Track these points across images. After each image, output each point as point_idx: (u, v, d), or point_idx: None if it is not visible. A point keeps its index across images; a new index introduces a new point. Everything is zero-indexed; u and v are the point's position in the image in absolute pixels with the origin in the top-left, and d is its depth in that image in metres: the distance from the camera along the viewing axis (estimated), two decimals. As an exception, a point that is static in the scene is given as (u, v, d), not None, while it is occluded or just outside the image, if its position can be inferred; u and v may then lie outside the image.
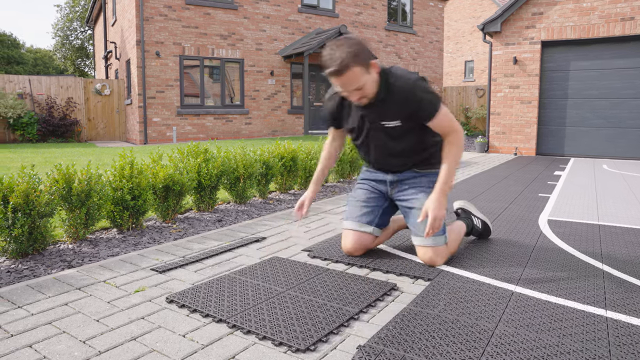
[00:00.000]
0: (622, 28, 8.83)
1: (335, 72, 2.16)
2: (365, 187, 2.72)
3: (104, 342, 1.70)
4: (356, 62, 2.15)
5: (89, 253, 2.83)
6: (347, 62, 2.13)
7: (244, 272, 2.41)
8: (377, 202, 2.66)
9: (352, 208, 2.68)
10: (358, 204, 2.66)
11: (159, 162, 3.56)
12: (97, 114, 14.21)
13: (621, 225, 3.52)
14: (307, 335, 1.72)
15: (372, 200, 2.66)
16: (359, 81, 2.20)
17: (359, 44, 2.18)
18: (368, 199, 2.66)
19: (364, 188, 2.72)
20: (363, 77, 2.20)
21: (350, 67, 2.14)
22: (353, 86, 2.22)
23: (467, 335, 1.72)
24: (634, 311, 1.94)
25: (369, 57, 2.22)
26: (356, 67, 2.16)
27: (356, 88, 2.23)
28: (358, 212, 2.64)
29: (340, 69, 2.15)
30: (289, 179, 4.81)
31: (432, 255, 2.46)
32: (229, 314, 1.91)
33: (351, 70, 2.15)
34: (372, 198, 2.66)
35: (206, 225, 3.54)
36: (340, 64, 2.13)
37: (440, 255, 2.47)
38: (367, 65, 2.20)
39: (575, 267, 2.51)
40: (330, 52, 2.17)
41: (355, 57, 2.14)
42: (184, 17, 12.33)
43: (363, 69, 2.19)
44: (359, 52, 2.16)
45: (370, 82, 2.26)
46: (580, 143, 9.60)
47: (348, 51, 2.13)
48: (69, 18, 30.77)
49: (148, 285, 2.28)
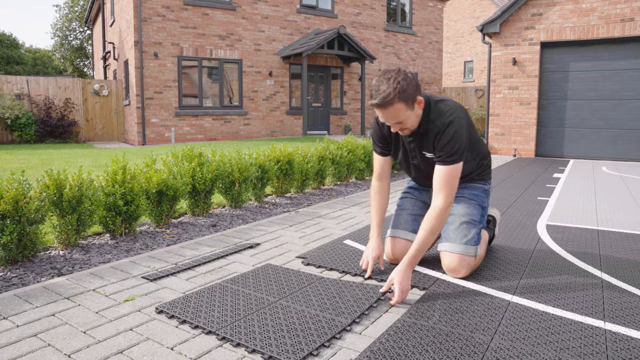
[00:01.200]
0: (621, 29, 8.79)
1: (378, 105, 2.15)
2: (409, 196, 2.73)
3: (89, 355, 1.66)
4: (400, 99, 2.13)
5: (80, 260, 2.78)
6: (392, 97, 2.11)
7: (236, 281, 2.37)
8: (422, 210, 2.66)
9: (397, 217, 2.68)
10: (404, 213, 2.67)
11: (152, 167, 3.52)
12: (95, 114, 14.16)
13: (621, 231, 3.48)
14: (297, 348, 1.68)
15: (417, 208, 2.66)
16: (400, 117, 2.19)
17: (407, 80, 2.14)
18: (413, 207, 2.67)
19: (408, 197, 2.73)
20: (405, 113, 2.19)
21: (393, 102, 2.13)
22: (394, 120, 2.21)
23: (461, 349, 1.68)
24: (634, 323, 1.90)
25: (415, 94, 2.18)
26: (399, 103, 2.14)
27: (397, 122, 2.23)
28: (403, 220, 2.64)
29: (382, 104, 2.14)
30: (285, 183, 4.76)
31: (458, 265, 2.38)
32: (218, 325, 1.86)
33: (394, 106, 2.14)
34: (417, 207, 2.67)
35: (200, 230, 3.49)
36: (383, 99, 2.12)
37: (467, 266, 2.40)
38: (411, 101, 2.18)
39: (574, 276, 2.47)
40: (378, 83, 2.15)
41: (400, 93, 2.12)
42: (182, 17, 12.28)
43: (406, 105, 2.16)
44: (405, 88, 2.13)
45: (413, 117, 2.25)
46: (580, 144, 9.56)
47: (395, 86, 2.11)
48: (68, 18, 30.72)
49: (138, 294, 2.23)
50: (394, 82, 2.11)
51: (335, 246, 3.01)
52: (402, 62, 17.06)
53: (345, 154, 5.61)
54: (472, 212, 2.47)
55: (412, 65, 17.41)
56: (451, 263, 2.40)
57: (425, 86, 17.93)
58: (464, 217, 2.45)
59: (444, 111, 2.27)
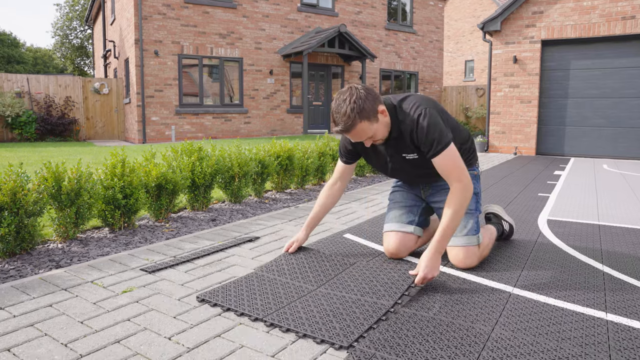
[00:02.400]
0: (622, 27, 8.76)
1: (342, 131, 2.16)
2: (400, 189, 2.70)
3: (86, 344, 1.65)
4: (362, 118, 2.11)
5: (78, 253, 2.77)
6: (353, 120, 2.10)
7: (270, 269, 2.35)
8: (414, 201, 2.63)
9: (391, 210, 2.65)
10: (396, 206, 2.64)
11: (151, 161, 3.51)
12: (96, 113, 14.16)
13: (622, 226, 3.46)
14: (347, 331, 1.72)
15: (409, 200, 2.63)
16: (368, 133, 2.17)
17: (361, 97, 2.11)
18: (406, 199, 2.64)
19: (400, 190, 2.70)
20: (371, 128, 2.16)
21: (356, 124, 2.12)
22: (363, 138, 2.20)
23: (462, 339, 1.66)
24: (635, 314, 1.88)
25: (375, 107, 2.15)
26: (362, 122, 2.12)
27: (367, 138, 2.21)
28: (397, 212, 2.61)
29: (346, 129, 2.13)
30: (286, 178, 4.75)
31: (464, 257, 2.38)
32: (264, 312, 1.85)
33: (357, 127, 2.13)
34: (409, 198, 2.64)
35: (199, 224, 3.48)
36: (345, 124, 2.12)
37: (472, 256, 2.39)
38: (374, 116, 2.15)
39: (575, 268, 2.45)
40: (337, 107, 2.14)
41: (360, 113, 2.10)
42: (182, 15, 12.27)
43: (370, 121, 2.14)
44: (362, 106, 2.10)
45: (381, 128, 2.22)
46: (581, 143, 9.54)
47: (352, 108, 2.09)
48: (69, 17, 30.72)
49: (136, 286, 2.22)
50: (350, 104, 2.09)
51: (335, 240, 2.99)
52: (403, 61, 17.04)
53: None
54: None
55: (412, 64, 17.39)
56: (457, 256, 2.40)
57: (426, 85, 17.92)
58: None
59: (410, 108, 2.23)
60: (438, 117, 2.21)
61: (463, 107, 17.79)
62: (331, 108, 2.17)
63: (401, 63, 17.05)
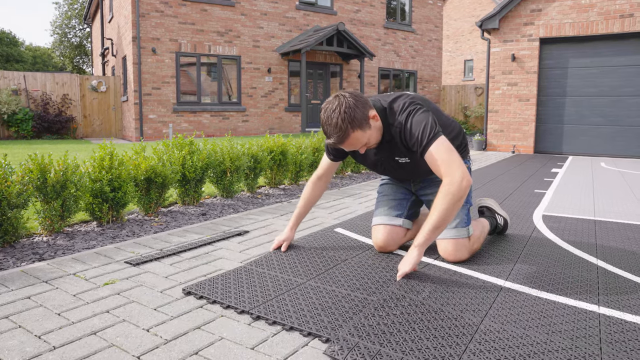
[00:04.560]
0: (621, 25, 8.71)
1: (336, 144, 2.09)
2: (389, 182, 2.65)
3: (61, 336, 1.59)
4: (354, 127, 2.04)
5: (63, 246, 2.72)
6: (345, 131, 2.03)
7: (260, 263, 2.30)
8: (404, 194, 2.58)
9: (380, 203, 2.59)
10: (385, 199, 2.58)
11: (141, 154, 3.45)
12: (93, 110, 14.10)
13: (618, 221, 3.41)
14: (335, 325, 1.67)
15: (398, 193, 2.58)
16: (362, 142, 2.10)
17: (350, 106, 2.02)
18: (395, 192, 2.58)
19: (389, 183, 2.65)
20: (365, 136, 2.09)
21: (349, 135, 2.05)
22: (357, 147, 2.14)
23: (449, 329, 1.61)
24: (629, 307, 1.83)
25: (365, 113, 2.06)
26: (355, 131, 2.05)
27: (362, 146, 2.15)
28: (386, 206, 2.55)
29: (340, 141, 2.06)
30: (279, 174, 4.69)
31: (454, 250, 2.32)
32: (251, 305, 1.79)
33: (351, 137, 2.06)
34: (398, 191, 2.59)
35: (189, 218, 3.43)
36: (338, 136, 2.04)
37: (462, 249, 2.32)
38: (366, 123, 2.07)
39: (569, 262, 2.40)
40: (327, 118, 2.05)
41: (351, 122, 2.02)
42: (180, 13, 12.21)
43: (362, 129, 2.07)
44: (353, 115, 2.02)
45: (374, 133, 2.15)
46: (579, 141, 9.49)
47: (343, 117, 2.01)
48: (67, 15, 30.67)
49: (119, 278, 2.17)
50: (340, 114, 2.01)
51: (325, 234, 2.94)
52: (401, 60, 16.99)
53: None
54: None
55: (411, 63, 17.34)
56: (447, 249, 2.35)
57: (425, 84, 17.86)
58: None
59: (399, 109, 2.15)
60: (426, 114, 2.12)
61: (462, 107, 17.75)
62: (321, 120, 2.09)
63: (400, 62, 17.00)
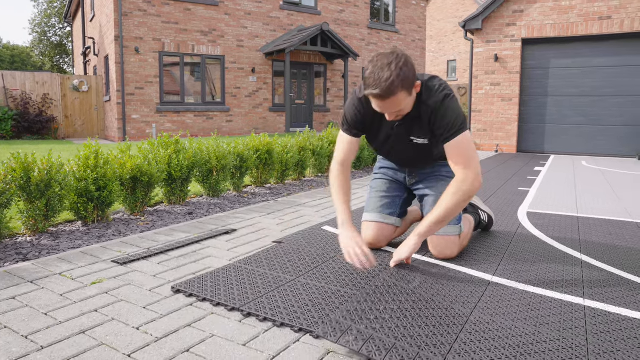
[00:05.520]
0: (599, 27, 8.88)
1: (379, 96, 1.95)
2: (384, 177, 2.61)
3: (48, 336, 1.57)
4: (404, 87, 1.94)
5: (48, 246, 2.67)
6: (395, 87, 1.91)
7: (249, 261, 2.29)
8: (397, 191, 2.56)
9: (372, 199, 2.56)
10: (378, 195, 2.55)
11: (126, 152, 3.42)
12: (75, 110, 13.89)
13: (600, 217, 3.48)
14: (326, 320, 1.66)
15: (392, 190, 2.56)
16: (401, 105, 2.02)
17: (407, 65, 1.94)
18: (388, 189, 2.56)
19: (382, 178, 2.61)
20: (405, 101, 2.01)
21: (396, 92, 1.93)
22: (393, 110, 2.04)
23: (440, 319, 1.63)
24: (612, 299, 1.87)
25: (414, 79, 1.99)
26: (402, 92, 1.95)
27: (395, 111, 2.06)
28: (379, 202, 2.52)
29: (384, 95, 1.93)
30: (265, 173, 4.68)
31: (445, 247, 2.33)
32: (241, 302, 1.78)
33: (396, 96, 1.95)
34: (392, 188, 2.56)
35: (176, 218, 3.40)
36: (386, 90, 1.91)
37: (453, 246, 2.33)
38: (412, 88, 2.00)
39: (554, 257, 2.45)
40: (377, 70, 1.93)
41: (403, 81, 1.92)
42: (163, 12, 12.11)
43: (408, 93, 1.99)
44: (407, 75, 1.93)
45: (410, 103, 2.08)
46: (561, 140, 9.65)
47: (397, 74, 1.90)
48: (47, 14, 30.17)
49: (106, 277, 2.14)
50: (396, 69, 1.90)
51: (313, 232, 2.94)
52: (385, 60, 17.05)
53: (326, 145, 5.55)
54: None
55: (395, 64, 17.42)
56: (438, 245, 2.35)
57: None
58: None
59: (435, 89, 2.11)
60: (459, 105, 2.14)
61: (445, 107, 17.89)
62: (366, 69, 1.98)
63: (384, 62, 17.07)
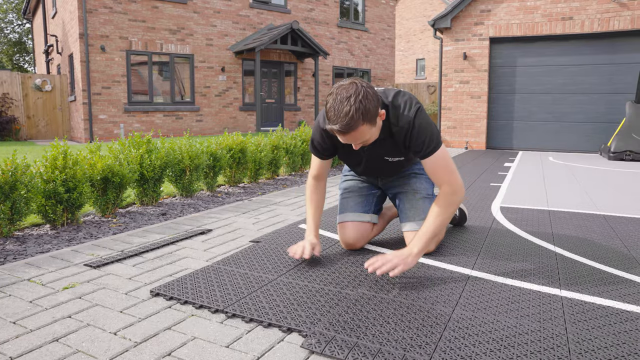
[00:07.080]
0: (562, 27, 9.14)
1: (339, 132, 1.91)
2: (354, 178, 2.59)
3: (18, 346, 1.50)
4: (365, 120, 1.87)
5: (14, 251, 2.57)
6: (354, 122, 1.85)
7: (228, 262, 2.23)
8: (369, 190, 2.55)
9: (345, 200, 2.53)
10: (351, 195, 2.52)
11: (96, 153, 3.32)
12: (38, 111, 13.43)
13: (569, 210, 3.57)
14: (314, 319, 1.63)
15: (364, 188, 2.54)
16: (365, 137, 1.96)
17: (367, 97, 1.86)
18: (360, 188, 2.54)
19: (353, 179, 2.59)
20: (369, 132, 1.95)
21: (357, 127, 1.87)
22: (357, 141, 1.98)
23: (423, 320, 1.63)
24: (587, 289, 1.92)
25: (377, 109, 1.92)
26: (364, 125, 1.89)
27: (360, 142, 2.01)
28: (352, 202, 2.50)
29: (346, 130, 1.88)
30: (238, 172, 4.63)
31: None
32: (225, 303, 1.73)
33: (358, 129, 1.89)
34: (364, 187, 2.55)
35: (149, 219, 3.32)
36: (345, 125, 1.85)
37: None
38: (374, 119, 1.93)
39: (529, 250, 2.49)
40: (336, 104, 1.86)
41: (363, 114, 1.86)
42: (130, 10, 11.83)
43: (370, 124, 1.92)
44: (368, 107, 1.86)
45: (375, 132, 2.02)
46: (528, 137, 9.88)
47: (357, 107, 1.84)
48: (3, 9, 29.06)
49: (79, 282, 2.07)
50: (355, 103, 1.84)
51: (290, 230, 2.92)
52: (355, 59, 17.15)
53: (299, 143, 5.53)
54: (425, 187, 2.45)
55: (365, 62, 17.54)
56: None
57: (379, 82, 18.11)
58: (418, 193, 2.42)
59: (402, 109, 2.05)
60: (429, 119, 2.10)
61: (415, 105, 18.10)
62: (327, 103, 1.91)
63: (354, 60, 17.16)
